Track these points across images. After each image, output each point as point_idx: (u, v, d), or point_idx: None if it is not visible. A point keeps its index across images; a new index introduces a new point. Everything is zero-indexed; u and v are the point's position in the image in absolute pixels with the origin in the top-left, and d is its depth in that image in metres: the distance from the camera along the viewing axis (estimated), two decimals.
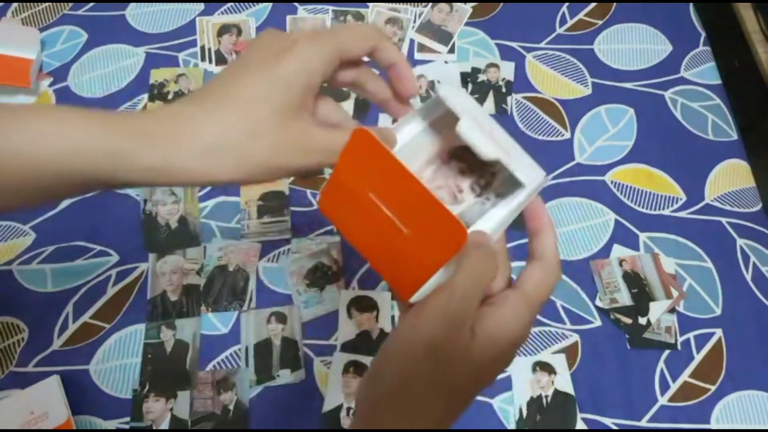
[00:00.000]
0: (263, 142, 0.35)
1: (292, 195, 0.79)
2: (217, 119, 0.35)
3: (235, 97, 0.35)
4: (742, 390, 0.70)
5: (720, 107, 0.87)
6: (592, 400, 0.69)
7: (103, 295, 0.73)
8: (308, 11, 0.92)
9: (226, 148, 0.34)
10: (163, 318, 0.72)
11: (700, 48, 0.91)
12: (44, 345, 0.71)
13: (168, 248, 0.76)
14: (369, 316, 0.73)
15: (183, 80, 0.86)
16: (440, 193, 0.41)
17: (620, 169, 0.82)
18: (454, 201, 0.41)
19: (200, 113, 0.35)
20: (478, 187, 0.41)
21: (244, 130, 0.34)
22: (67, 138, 0.33)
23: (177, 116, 0.35)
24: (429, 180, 0.42)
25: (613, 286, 0.74)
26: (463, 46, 0.91)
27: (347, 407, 0.68)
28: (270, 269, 0.75)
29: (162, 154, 0.33)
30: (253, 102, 0.35)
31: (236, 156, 0.34)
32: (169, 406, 0.68)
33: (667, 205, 0.80)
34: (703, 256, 0.77)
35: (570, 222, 0.79)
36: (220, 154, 0.34)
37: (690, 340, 0.72)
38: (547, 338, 0.72)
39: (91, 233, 0.77)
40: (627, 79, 0.89)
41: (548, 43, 0.91)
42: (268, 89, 0.35)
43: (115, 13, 0.92)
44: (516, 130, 0.85)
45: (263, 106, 0.35)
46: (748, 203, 0.80)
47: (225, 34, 0.90)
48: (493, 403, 0.69)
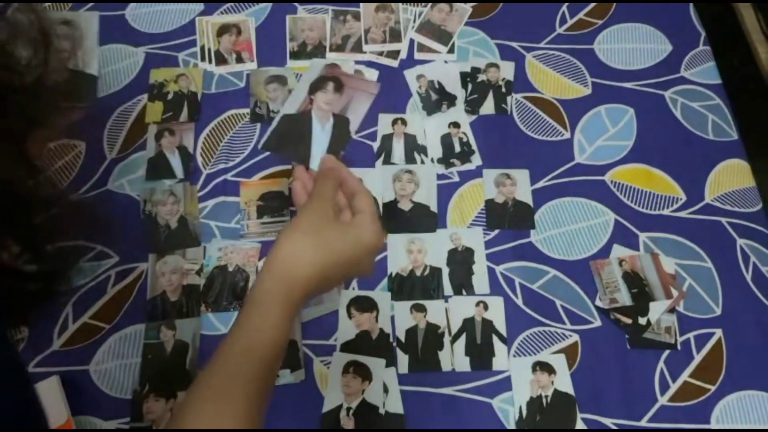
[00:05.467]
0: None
1: (291, 195, 0.79)
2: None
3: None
4: (742, 390, 0.70)
5: (720, 107, 0.87)
6: (592, 400, 0.69)
7: (103, 296, 0.73)
8: (308, 11, 0.92)
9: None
10: (163, 318, 0.72)
11: (701, 48, 0.91)
12: (44, 345, 0.71)
13: (168, 248, 0.76)
14: (369, 316, 0.73)
15: (183, 80, 0.86)
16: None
17: (620, 169, 0.82)
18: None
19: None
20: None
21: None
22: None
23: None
24: None
25: (613, 286, 0.74)
26: (463, 45, 0.91)
27: (347, 407, 0.68)
28: None
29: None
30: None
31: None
32: (169, 406, 0.68)
33: (667, 205, 0.80)
34: (703, 256, 0.77)
35: (570, 222, 0.79)
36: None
37: (690, 340, 0.72)
38: (547, 338, 0.72)
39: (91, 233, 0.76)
40: (627, 78, 0.89)
41: (548, 43, 0.91)
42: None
43: (115, 13, 0.92)
44: (516, 130, 0.85)
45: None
46: (748, 203, 0.80)
47: (225, 34, 0.90)
48: (493, 403, 0.69)
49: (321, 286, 0.52)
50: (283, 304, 0.49)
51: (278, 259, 0.50)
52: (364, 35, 0.90)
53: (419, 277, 0.75)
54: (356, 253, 0.52)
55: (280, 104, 0.85)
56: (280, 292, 0.49)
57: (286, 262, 0.50)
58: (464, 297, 0.74)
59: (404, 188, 0.80)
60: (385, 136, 0.83)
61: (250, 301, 0.49)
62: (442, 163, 0.82)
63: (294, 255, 0.50)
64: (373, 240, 0.53)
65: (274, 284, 0.49)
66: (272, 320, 0.49)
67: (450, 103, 0.86)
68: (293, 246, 0.50)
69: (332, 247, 0.51)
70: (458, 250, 0.77)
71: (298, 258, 0.50)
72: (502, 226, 0.78)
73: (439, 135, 0.84)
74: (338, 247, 0.51)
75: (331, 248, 0.51)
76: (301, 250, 0.50)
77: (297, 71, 0.87)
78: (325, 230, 0.51)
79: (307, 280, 0.50)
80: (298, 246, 0.50)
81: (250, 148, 0.82)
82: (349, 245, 0.52)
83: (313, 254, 0.50)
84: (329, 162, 0.58)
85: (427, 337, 0.72)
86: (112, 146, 0.82)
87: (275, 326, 0.49)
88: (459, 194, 0.80)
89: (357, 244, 0.52)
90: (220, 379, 0.47)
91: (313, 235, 0.51)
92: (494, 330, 0.72)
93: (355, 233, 0.52)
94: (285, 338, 0.50)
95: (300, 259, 0.50)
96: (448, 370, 0.70)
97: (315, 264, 0.50)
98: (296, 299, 0.50)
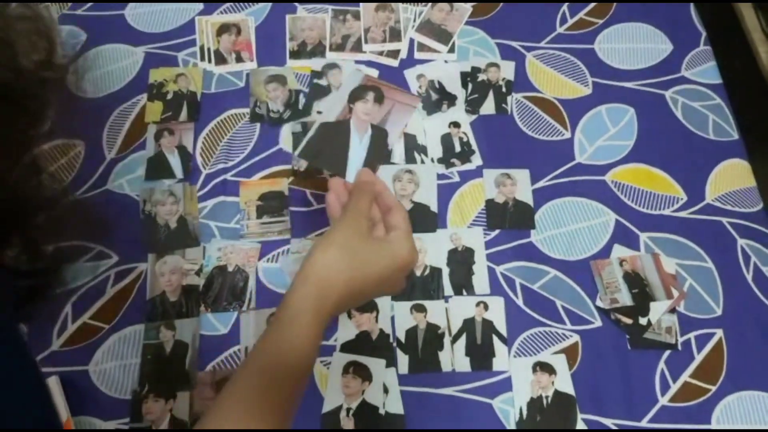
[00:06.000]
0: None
1: (291, 195, 0.79)
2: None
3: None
4: (743, 390, 0.70)
5: (721, 107, 0.87)
6: (593, 401, 0.69)
7: (103, 296, 0.73)
8: (308, 11, 0.92)
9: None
10: (163, 318, 0.72)
11: (701, 47, 0.91)
12: (43, 345, 0.70)
13: (167, 248, 0.75)
14: (369, 316, 0.73)
15: (182, 80, 0.86)
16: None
17: (621, 168, 0.82)
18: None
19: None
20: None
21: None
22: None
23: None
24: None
25: (614, 286, 0.74)
26: (463, 45, 0.90)
27: (347, 408, 0.68)
28: (270, 269, 0.75)
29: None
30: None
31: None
32: (168, 406, 0.67)
33: (668, 205, 0.80)
34: (703, 257, 0.77)
35: (570, 222, 0.79)
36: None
37: (690, 341, 0.72)
38: (547, 338, 0.72)
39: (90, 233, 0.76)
40: (627, 78, 0.89)
41: (548, 43, 0.91)
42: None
43: (115, 13, 0.92)
44: (516, 130, 0.84)
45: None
46: (749, 203, 0.80)
47: (224, 34, 0.89)
48: (493, 403, 0.69)
49: (352, 301, 0.53)
50: (315, 318, 0.49)
51: (313, 273, 0.50)
52: (364, 35, 0.90)
53: (419, 277, 0.75)
54: (389, 270, 0.53)
55: (280, 104, 0.84)
56: (313, 306, 0.49)
57: (320, 277, 0.50)
58: (464, 297, 0.74)
59: (404, 188, 0.79)
60: None
61: (283, 313, 0.49)
62: (443, 163, 0.82)
63: (329, 270, 0.50)
64: (407, 258, 0.53)
65: (307, 298, 0.49)
66: (304, 332, 0.49)
67: (450, 102, 0.86)
68: (328, 261, 0.50)
69: (366, 263, 0.51)
70: (458, 250, 0.76)
71: (333, 273, 0.50)
72: (502, 226, 0.78)
73: (440, 135, 0.83)
74: (372, 263, 0.52)
75: (364, 264, 0.51)
76: (336, 265, 0.50)
77: (297, 71, 0.87)
78: (359, 246, 0.52)
79: (340, 295, 0.50)
80: (332, 261, 0.51)
81: (249, 148, 0.82)
82: (383, 262, 0.52)
83: (347, 270, 0.51)
84: (366, 176, 0.58)
85: (427, 337, 0.72)
86: (112, 146, 0.82)
87: (306, 338, 0.49)
88: (459, 194, 0.80)
89: (391, 261, 0.52)
90: (250, 393, 0.47)
91: (348, 250, 0.51)
92: (494, 330, 0.72)
93: (389, 250, 0.53)
94: (315, 351, 0.50)
95: (334, 273, 0.50)
96: (449, 371, 0.70)
97: (348, 279, 0.50)
98: (328, 314, 0.50)
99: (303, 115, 0.84)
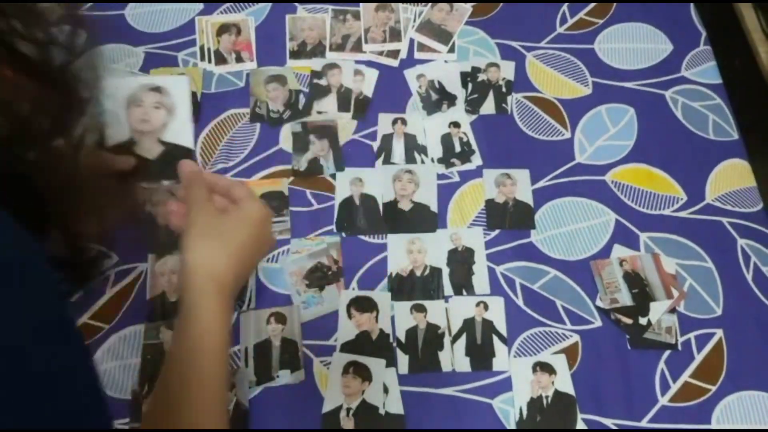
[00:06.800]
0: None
1: (291, 195, 0.79)
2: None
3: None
4: (743, 390, 0.70)
5: (721, 107, 0.87)
6: (593, 401, 0.69)
7: (103, 296, 0.73)
8: (308, 10, 0.92)
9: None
10: (163, 318, 0.72)
11: (701, 47, 0.91)
12: None
13: (167, 248, 0.75)
14: (369, 316, 0.73)
15: None
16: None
17: (621, 168, 0.82)
18: None
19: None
20: None
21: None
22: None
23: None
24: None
25: (614, 286, 0.74)
26: (463, 45, 0.90)
27: (347, 407, 0.68)
28: (270, 269, 0.75)
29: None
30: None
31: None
32: None
33: (668, 205, 0.80)
34: (703, 256, 0.77)
35: (570, 222, 0.79)
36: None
37: (690, 341, 0.72)
38: (547, 338, 0.72)
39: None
40: (627, 78, 0.89)
41: (548, 43, 0.91)
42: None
43: (115, 13, 0.92)
44: (516, 130, 0.84)
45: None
46: (749, 203, 0.80)
47: (224, 34, 0.89)
48: (493, 403, 0.69)
49: (243, 271, 0.56)
50: (218, 296, 0.52)
51: (196, 268, 0.52)
52: (364, 35, 0.90)
53: (419, 278, 0.75)
54: (254, 229, 0.56)
55: (280, 104, 0.84)
56: (211, 289, 0.52)
57: (205, 267, 0.53)
58: (464, 297, 0.74)
59: (404, 188, 0.79)
60: (385, 135, 0.83)
61: (186, 307, 0.51)
62: (443, 163, 0.82)
63: (207, 258, 0.53)
64: (261, 213, 0.57)
65: (203, 286, 0.52)
66: (213, 308, 0.52)
67: (450, 102, 0.86)
68: (202, 252, 0.53)
69: (233, 234, 0.55)
70: (458, 250, 0.76)
71: (212, 259, 0.53)
72: (502, 226, 0.78)
73: (440, 135, 0.83)
74: (238, 231, 0.55)
75: (233, 236, 0.55)
76: (210, 252, 0.53)
77: (297, 71, 0.87)
78: (219, 225, 0.55)
79: (227, 271, 0.53)
80: (208, 249, 0.53)
81: (249, 148, 0.82)
82: (244, 227, 0.56)
83: (222, 249, 0.54)
84: (187, 166, 0.60)
85: (427, 337, 0.72)
86: None
87: (216, 313, 0.52)
88: (459, 194, 0.80)
89: (250, 222, 0.56)
90: (179, 381, 0.50)
91: (213, 233, 0.54)
92: (494, 330, 0.72)
93: (243, 214, 0.56)
94: (229, 324, 0.53)
95: (214, 259, 0.53)
96: (449, 371, 0.70)
97: (228, 256, 0.54)
98: (227, 293, 0.53)
99: (303, 115, 0.84)
